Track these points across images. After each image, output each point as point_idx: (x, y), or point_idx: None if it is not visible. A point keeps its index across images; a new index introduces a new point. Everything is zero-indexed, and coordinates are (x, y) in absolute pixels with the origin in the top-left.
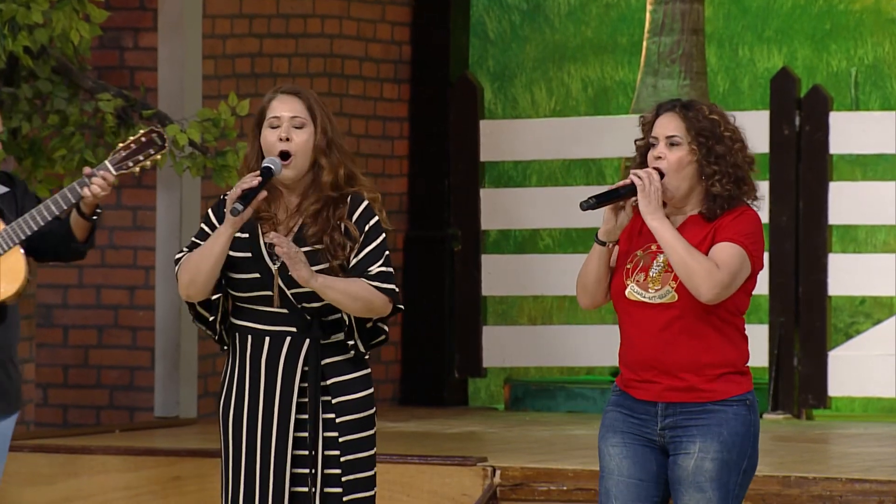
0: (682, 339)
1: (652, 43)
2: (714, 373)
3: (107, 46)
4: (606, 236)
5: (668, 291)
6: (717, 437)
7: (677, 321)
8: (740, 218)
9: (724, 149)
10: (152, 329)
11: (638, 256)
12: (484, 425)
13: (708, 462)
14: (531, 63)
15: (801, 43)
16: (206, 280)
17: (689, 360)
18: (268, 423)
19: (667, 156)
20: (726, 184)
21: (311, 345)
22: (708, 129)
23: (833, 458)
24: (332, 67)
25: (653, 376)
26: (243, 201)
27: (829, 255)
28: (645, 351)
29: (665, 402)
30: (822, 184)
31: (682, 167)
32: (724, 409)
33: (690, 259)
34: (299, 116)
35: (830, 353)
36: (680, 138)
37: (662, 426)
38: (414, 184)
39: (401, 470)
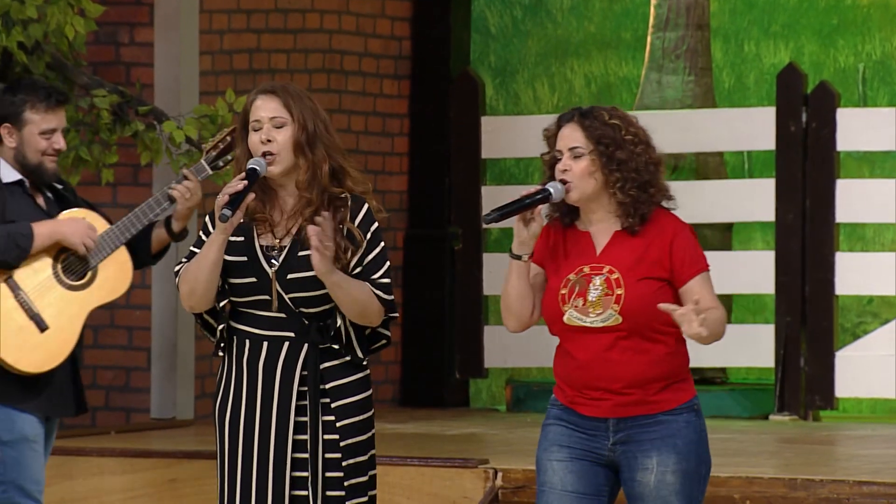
0: (626, 357)
1: (656, 38)
2: (660, 385)
3: (102, 42)
4: (520, 249)
5: (611, 315)
6: (672, 448)
7: (621, 341)
8: (682, 240)
9: (626, 154)
10: (148, 329)
11: (571, 280)
12: (485, 427)
13: (669, 475)
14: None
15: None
16: (205, 289)
17: (635, 377)
18: (265, 427)
19: (571, 167)
20: (629, 189)
21: (309, 349)
22: (608, 135)
23: (840, 461)
24: (331, 63)
25: (601, 394)
26: (231, 206)
27: (836, 253)
28: (590, 371)
29: (616, 417)
30: (828, 181)
31: (586, 177)
32: (675, 418)
33: (716, 327)
34: (278, 116)
35: (837, 353)
36: (582, 148)
37: (614, 441)
38: (414, 181)
39: (401, 472)
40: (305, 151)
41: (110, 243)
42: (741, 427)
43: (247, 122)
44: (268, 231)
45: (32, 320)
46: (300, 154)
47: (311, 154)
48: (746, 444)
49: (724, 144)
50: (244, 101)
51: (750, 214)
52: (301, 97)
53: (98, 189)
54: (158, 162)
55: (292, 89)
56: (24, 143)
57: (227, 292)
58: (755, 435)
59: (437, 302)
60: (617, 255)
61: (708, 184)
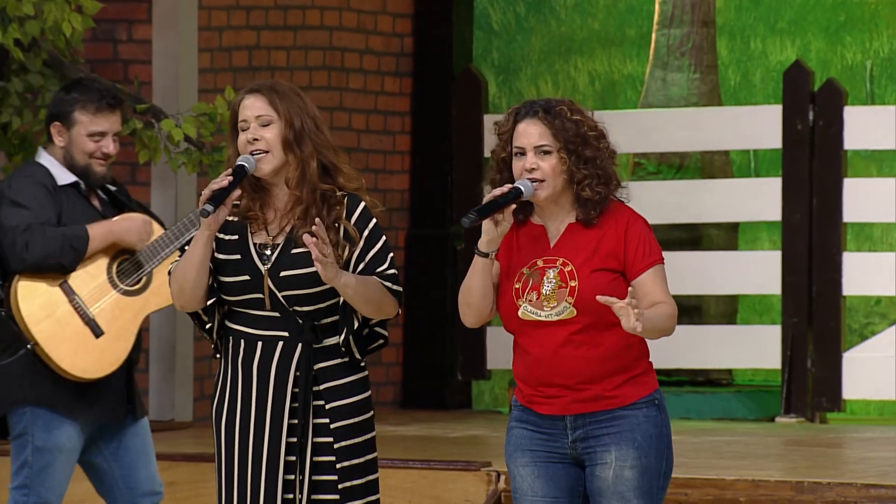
0: (581, 351)
1: (661, 35)
2: (618, 380)
3: (100, 39)
4: (488, 247)
5: (565, 307)
6: (631, 443)
7: (576, 335)
8: (633, 231)
9: (592, 151)
10: (147, 330)
11: (525, 274)
12: (488, 429)
13: (627, 470)
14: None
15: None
16: (193, 288)
17: (591, 372)
18: (260, 428)
19: (540, 165)
20: (596, 186)
21: (303, 349)
22: (574, 132)
23: (848, 463)
24: (332, 60)
25: (557, 391)
26: (213, 202)
27: (843, 253)
28: (545, 367)
29: (573, 414)
30: (836, 180)
31: (557, 175)
32: (634, 412)
33: (661, 322)
34: (263, 115)
35: (845, 354)
36: (549, 146)
37: (573, 439)
38: (416, 180)
39: (402, 475)
40: (294, 148)
41: (164, 247)
42: (747, 429)
43: (235, 122)
44: (261, 229)
45: (87, 325)
46: (289, 151)
47: (300, 151)
48: (752, 447)
49: (729, 143)
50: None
51: (756, 214)
52: (287, 94)
53: None
54: (157, 161)
55: (279, 87)
56: (72, 144)
57: (215, 290)
58: (761, 437)
59: (439, 302)
60: (571, 248)
61: (713, 183)
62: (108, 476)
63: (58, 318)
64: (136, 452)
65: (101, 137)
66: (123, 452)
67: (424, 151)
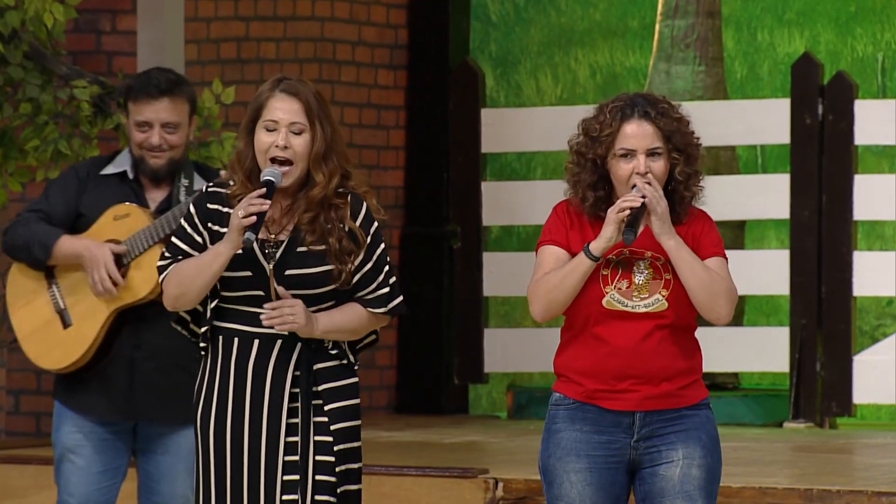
0: (662, 347)
1: (665, 26)
2: (686, 380)
3: (82, 30)
4: (601, 252)
5: (657, 300)
6: (698, 441)
7: (660, 330)
8: (707, 225)
9: (696, 151)
10: None
11: (613, 262)
12: (485, 435)
13: (695, 469)
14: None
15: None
16: (199, 294)
17: (668, 368)
18: (255, 429)
19: (652, 168)
20: (695, 184)
21: (302, 348)
22: (679, 132)
23: (858, 470)
24: (323, 52)
25: (630, 385)
26: (254, 229)
27: (853, 252)
28: (623, 360)
29: (644, 410)
30: (846, 176)
31: (664, 178)
32: (698, 413)
33: (712, 282)
34: (298, 122)
35: (855, 357)
36: (661, 148)
37: (638, 437)
38: (411, 177)
39: (396, 482)
40: (321, 165)
41: (143, 242)
42: (754, 435)
43: (256, 117)
44: (264, 226)
45: (59, 315)
46: (316, 167)
47: (325, 167)
48: (760, 453)
49: (736, 138)
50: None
51: (763, 211)
52: (321, 102)
53: None
54: None
55: (314, 92)
56: (129, 134)
57: (217, 292)
58: (769, 443)
59: (435, 303)
60: (655, 242)
61: (719, 179)
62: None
63: (35, 305)
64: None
65: (148, 128)
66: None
67: (420, 147)
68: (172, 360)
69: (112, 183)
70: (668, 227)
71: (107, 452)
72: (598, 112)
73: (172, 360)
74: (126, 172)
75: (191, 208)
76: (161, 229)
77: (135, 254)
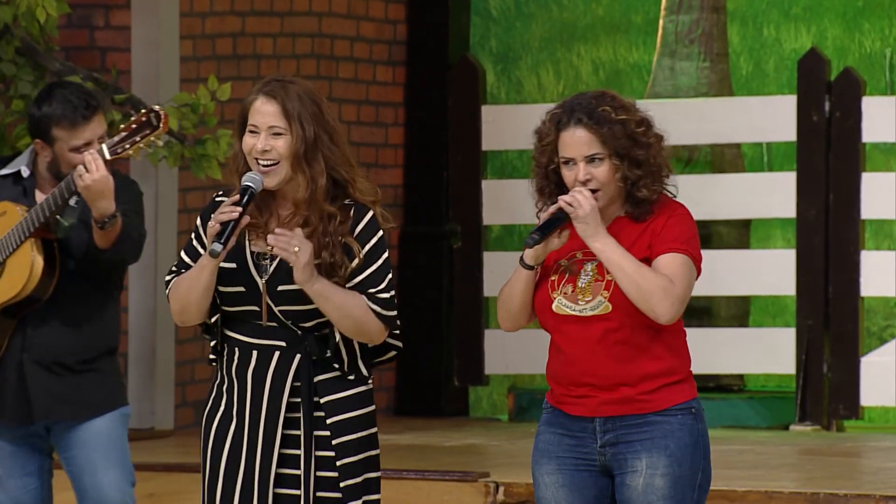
0: (617, 350)
1: (669, 21)
2: (654, 384)
3: (75, 25)
4: (534, 261)
5: (600, 302)
6: (663, 450)
7: (612, 333)
8: (673, 219)
9: (643, 150)
10: (125, 333)
11: (563, 266)
12: (486, 437)
13: (658, 478)
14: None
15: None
16: (197, 309)
17: (627, 373)
18: (252, 439)
19: (593, 174)
20: (651, 184)
21: (301, 360)
22: (623, 135)
23: (866, 474)
24: (321, 48)
25: (587, 391)
26: (221, 239)
27: (861, 252)
28: (578, 365)
29: (602, 416)
30: (853, 175)
31: (611, 182)
32: (668, 419)
33: (642, 279)
34: (276, 126)
35: (863, 358)
36: (601, 153)
37: (602, 443)
38: (410, 175)
39: (396, 486)
40: (303, 165)
41: (13, 240)
42: (760, 438)
43: (244, 120)
44: (260, 237)
45: None
46: (297, 167)
47: (308, 168)
48: (765, 456)
49: (741, 135)
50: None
51: (769, 210)
52: (304, 101)
53: None
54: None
55: (297, 92)
56: (57, 158)
57: (218, 306)
58: (775, 446)
59: (435, 304)
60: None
61: (724, 177)
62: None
63: None
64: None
65: (87, 146)
66: (73, 459)
67: (419, 144)
68: (62, 358)
69: (5, 185)
70: (592, 230)
71: (22, 456)
72: (543, 119)
73: (62, 359)
74: (20, 172)
75: (197, 221)
76: (31, 224)
77: (6, 252)
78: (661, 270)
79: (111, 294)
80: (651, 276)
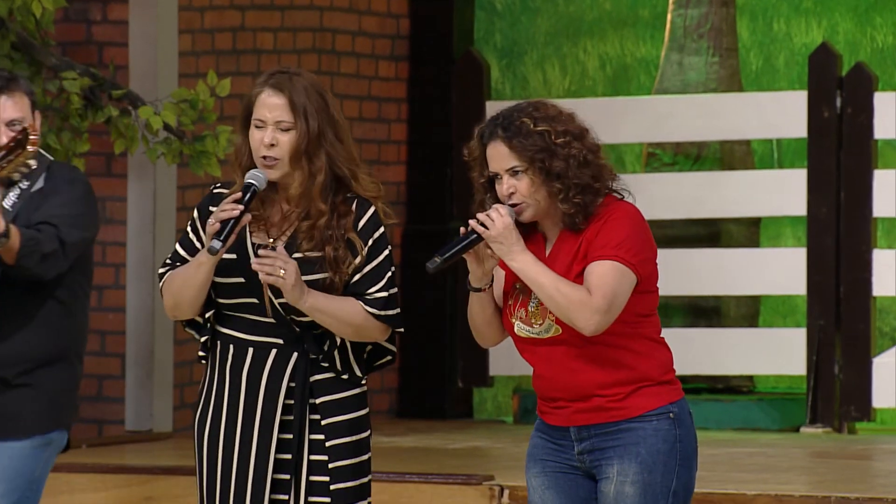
0: (576, 365)
1: (677, 16)
2: (623, 390)
3: (72, 19)
4: (479, 283)
5: (550, 325)
6: (634, 457)
7: (569, 351)
8: (607, 225)
9: (561, 162)
10: (123, 333)
11: (517, 290)
12: (490, 440)
13: (628, 486)
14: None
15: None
16: (191, 305)
17: (590, 386)
18: (246, 442)
19: (516, 187)
20: (574, 197)
21: (298, 359)
22: (539, 147)
23: (878, 477)
24: (323, 43)
25: (561, 403)
26: (220, 237)
27: (873, 250)
28: (546, 380)
29: (576, 425)
30: (865, 172)
31: (535, 193)
32: (643, 425)
33: (558, 294)
34: (283, 120)
35: (875, 359)
36: (519, 166)
37: (579, 451)
38: (413, 172)
39: (398, 489)
40: (302, 161)
41: None
42: (770, 440)
43: (250, 113)
44: (262, 229)
45: None
46: (296, 163)
47: (308, 164)
48: (776, 459)
49: (751, 132)
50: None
51: (779, 208)
52: (311, 95)
53: None
54: (134, 151)
55: (303, 84)
56: None
57: (213, 301)
58: (785, 449)
59: (438, 304)
60: (558, 258)
61: (734, 175)
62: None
63: None
64: None
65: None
66: None
67: (422, 141)
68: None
69: None
70: (507, 248)
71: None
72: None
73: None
74: None
75: (194, 212)
76: None
77: None
78: (588, 280)
79: (60, 299)
80: (568, 290)
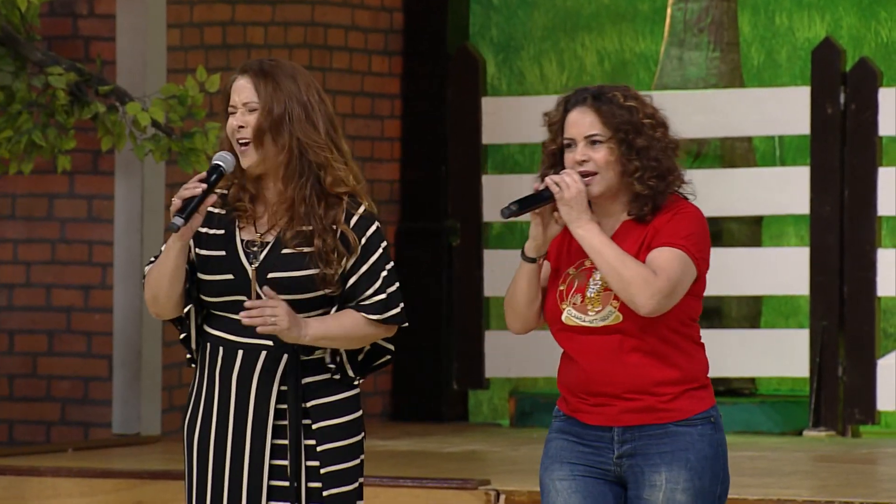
0: (633, 359)
1: (677, 10)
2: (673, 391)
3: (58, 13)
4: (535, 252)
5: (610, 312)
6: (684, 463)
7: (625, 341)
8: (677, 217)
9: (645, 141)
10: (110, 334)
11: (571, 275)
12: (486, 443)
13: (679, 493)
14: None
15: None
16: (168, 296)
17: (644, 382)
18: (239, 448)
19: (591, 156)
20: (649, 179)
21: (289, 361)
22: (626, 120)
23: (882, 481)
24: (314, 38)
25: (605, 400)
26: (182, 214)
27: (877, 250)
28: (594, 376)
29: (622, 425)
30: (869, 169)
31: (609, 167)
32: (689, 429)
33: (623, 267)
34: (250, 101)
35: (879, 361)
36: (601, 136)
37: (619, 454)
38: (407, 169)
39: (392, 494)
40: (264, 139)
41: None
42: (772, 443)
43: (227, 104)
44: (250, 224)
45: None
46: (258, 141)
47: (273, 142)
48: (778, 463)
49: (752, 128)
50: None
51: (782, 207)
52: (276, 77)
53: (54, 178)
54: (121, 148)
55: (270, 68)
56: None
57: (192, 296)
58: (788, 452)
59: (433, 304)
60: (623, 245)
61: (735, 172)
62: None
63: None
64: None
65: None
66: None
67: (416, 138)
68: None
69: None
70: (575, 214)
71: None
72: (555, 105)
73: None
74: None
75: None
76: None
77: None
78: (653, 262)
79: None
80: (632, 264)
